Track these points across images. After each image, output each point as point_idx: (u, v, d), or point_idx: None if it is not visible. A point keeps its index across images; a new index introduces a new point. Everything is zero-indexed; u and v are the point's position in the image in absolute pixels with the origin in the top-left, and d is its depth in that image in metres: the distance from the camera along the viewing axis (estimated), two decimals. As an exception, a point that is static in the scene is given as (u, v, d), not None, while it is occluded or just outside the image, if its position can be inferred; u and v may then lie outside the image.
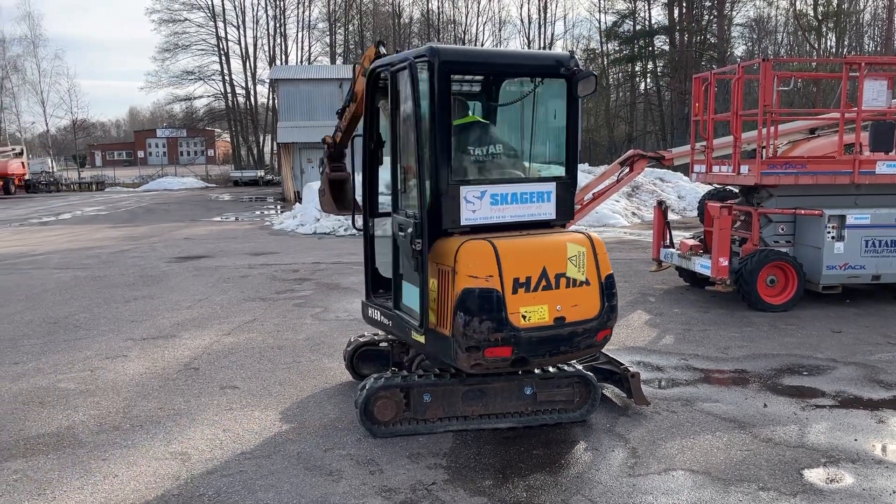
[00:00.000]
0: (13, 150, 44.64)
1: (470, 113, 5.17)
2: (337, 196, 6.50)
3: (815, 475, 4.31)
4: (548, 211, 5.00)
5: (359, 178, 5.47)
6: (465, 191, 4.74)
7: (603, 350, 5.84)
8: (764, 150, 8.89)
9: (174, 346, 7.44)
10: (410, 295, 4.97)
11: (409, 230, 4.72)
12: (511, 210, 4.90)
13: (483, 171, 5.01)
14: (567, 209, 5.09)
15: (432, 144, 4.65)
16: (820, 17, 40.10)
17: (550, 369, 5.08)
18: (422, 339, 4.83)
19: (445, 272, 4.65)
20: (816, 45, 40.79)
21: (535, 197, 4.95)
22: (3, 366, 6.79)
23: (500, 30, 61.03)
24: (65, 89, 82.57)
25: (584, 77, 4.84)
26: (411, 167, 4.87)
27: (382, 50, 5.54)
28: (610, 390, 5.68)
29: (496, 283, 4.52)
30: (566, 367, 5.13)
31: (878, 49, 39.68)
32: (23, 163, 43.97)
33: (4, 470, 4.51)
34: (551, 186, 4.99)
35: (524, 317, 4.59)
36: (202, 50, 57.27)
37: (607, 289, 4.86)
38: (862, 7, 41.76)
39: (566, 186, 5.05)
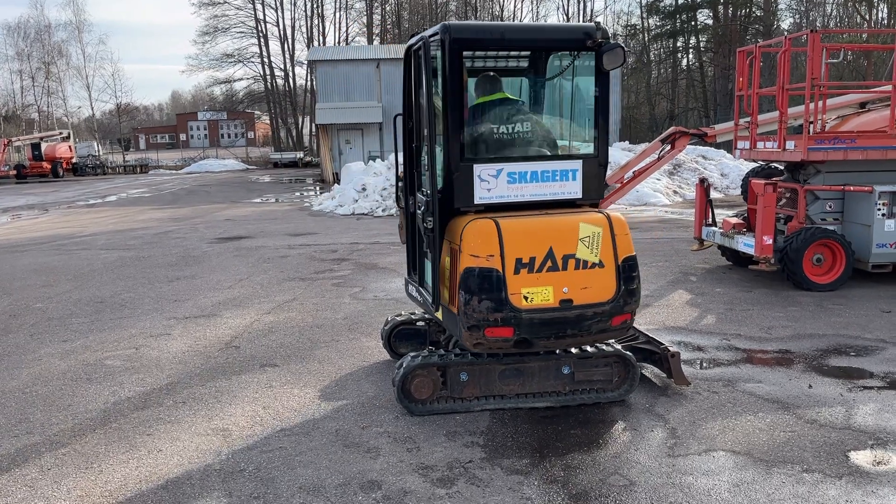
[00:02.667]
0: (60, 134, 45.75)
1: (504, 90, 5.07)
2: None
3: (861, 457, 4.21)
4: (573, 190, 4.84)
5: (400, 157, 5.44)
6: (478, 169, 4.70)
7: (643, 330, 5.78)
8: (811, 126, 8.62)
9: (216, 324, 7.57)
10: (430, 272, 5.05)
11: (422, 209, 4.77)
12: (531, 189, 4.79)
13: (505, 149, 4.90)
14: (595, 188, 4.90)
15: (445, 122, 4.65)
16: (872, -13, 38.60)
17: (588, 349, 5.03)
18: (440, 315, 4.93)
19: (455, 251, 4.69)
20: (867, 17, 39.33)
21: (559, 175, 4.80)
22: (53, 343, 6.99)
23: (537, 6, 60.10)
24: (109, 74, 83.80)
25: (609, 49, 4.62)
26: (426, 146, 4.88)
27: None
28: (649, 370, 5.61)
29: (497, 262, 4.49)
30: (604, 347, 5.07)
31: (934, 19, 38.07)
32: (70, 147, 45.01)
33: (53, 444, 4.65)
34: (577, 164, 4.83)
35: (526, 298, 4.53)
36: (241, 32, 57.85)
37: (625, 272, 4.67)
38: (917, -25, 40.08)
39: (594, 164, 4.87)
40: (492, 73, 5.09)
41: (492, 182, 4.74)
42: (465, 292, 4.51)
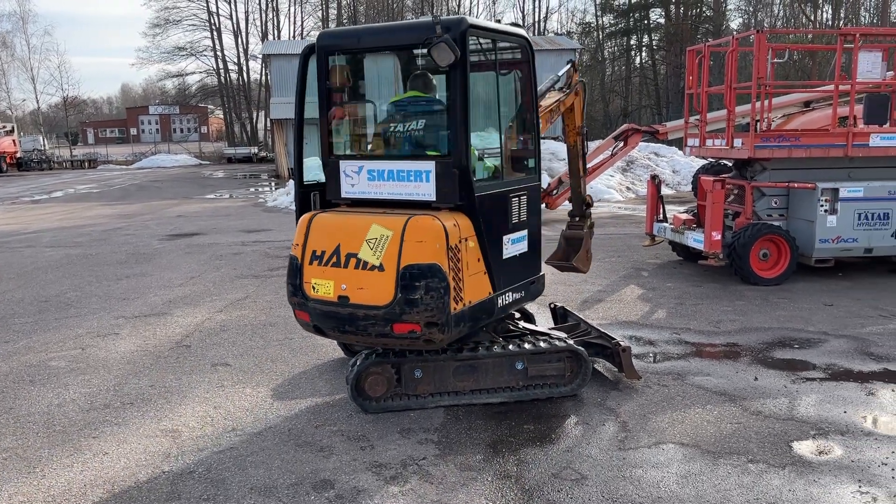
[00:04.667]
0: (4, 127, 44.26)
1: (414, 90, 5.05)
2: (567, 253, 6.67)
3: (804, 447, 4.33)
4: (427, 191, 4.64)
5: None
6: (343, 165, 4.96)
7: (595, 324, 5.86)
8: (758, 124, 8.83)
9: (166, 323, 7.42)
10: None
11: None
12: (388, 187, 4.81)
13: (373, 147, 5.14)
14: (450, 191, 4.56)
15: (319, 122, 5.04)
16: (816, -11, 39.72)
17: (542, 344, 5.08)
18: None
19: None
20: (812, 17, 40.48)
21: (414, 176, 4.69)
22: (-6, 344, 6.77)
23: (494, 4, 60.22)
24: (55, 66, 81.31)
25: (434, 45, 4.27)
26: None
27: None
28: (601, 365, 5.69)
29: (298, 252, 4.79)
30: (557, 343, 5.13)
31: (874, 21, 39.38)
32: (14, 141, 43.63)
33: (-6, 448, 4.50)
34: (430, 166, 4.61)
35: (314, 288, 4.74)
36: (193, 25, 56.73)
37: (404, 279, 4.38)
38: (859, -22, 41.40)
39: (447, 167, 4.54)
40: (419, 72, 5.09)
41: (354, 178, 4.95)
42: (286, 277, 4.91)
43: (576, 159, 6.49)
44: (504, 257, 4.93)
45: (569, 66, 6.36)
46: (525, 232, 5.16)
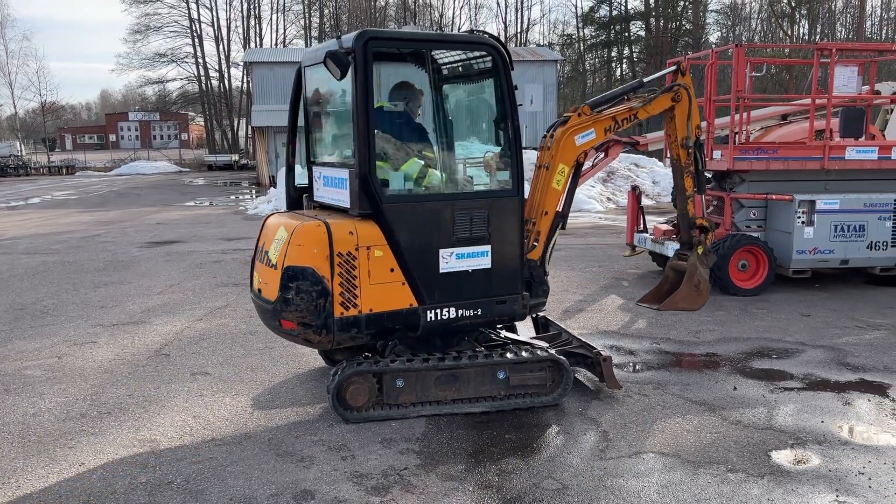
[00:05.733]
0: (-21, 133, 43.67)
1: (387, 100, 5.24)
2: (671, 288, 6.28)
3: (782, 457, 4.37)
4: (345, 198, 4.79)
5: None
6: (315, 170, 5.37)
7: (576, 334, 5.88)
8: (736, 136, 8.94)
9: (144, 332, 7.34)
10: None
11: None
12: (331, 193, 5.12)
13: (326, 154, 5.44)
14: (358, 200, 4.64)
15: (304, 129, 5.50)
16: (793, 4, 40.43)
17: (523, 353, 5.09)
18: None
19: None
20: (790, 32, 41.14)
21: (339, 183, 4.93)
22: (-32, 353, 6.65)
23: (475, 13, 60.60)
24: (33, 71, 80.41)
25: (324, 61, 4.51)
26: None
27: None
28: (582, 374, 5.71)
29: (254, 248, 5.22)
30: (539, 352, 5.14)
31: (850, 36, 40.12)
32: (-10, 146, 43.03)
33: (-33, 459, 4.42)
34: (345, 174, 4.77)
35: (253, 279, 5.16)
36: (174, 32, 56.46)
37: (283, 279, 4.60)
38: (835, -6, 42.17)
39: (354, 175, 4.63)
40: (401, 81, 5.20)
41: (318, 183, 5.35)
42: None
43: (680, 175, 6.07)
44: (442, 271, 4.85)
45: (673, 69, 6.04)
46: (486, 248, 4.95)
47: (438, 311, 4.88)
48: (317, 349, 4.98)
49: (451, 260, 4.89)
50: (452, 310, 4.92)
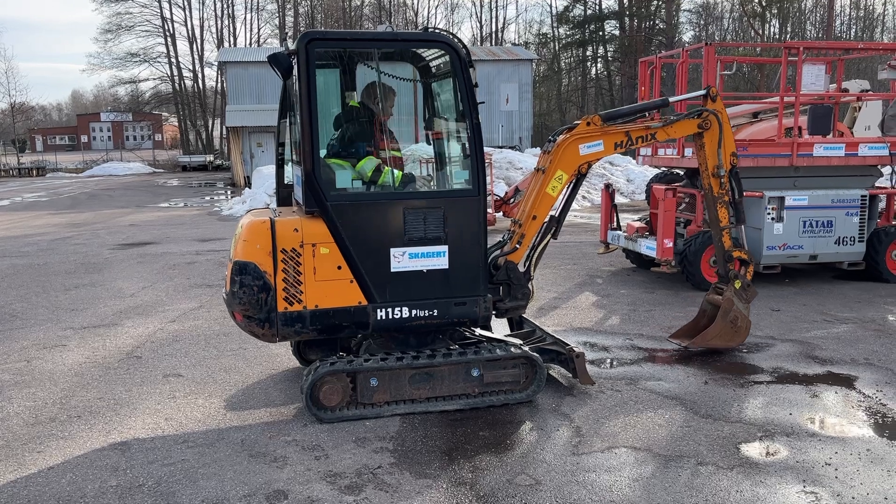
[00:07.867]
0: (-53, 134, 42.84)
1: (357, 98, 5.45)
2: (707, 323, 6.20)
3: (751, 449, 4.44)
4: (301, 196, 5.03)
5: None
6: (294, 169, 5.54)
7: (549, 331, 5.92)
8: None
9: (116, 334, 7.26)
10: None
11: None
12: (298, 190, 5.26)
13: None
14: (305, 197, 4.80)
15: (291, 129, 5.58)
16: (764, 4, 40.96)
17: (497, 351, 5.10)
18: None
19: None
20: (760, 31, 41.69)
21: (298, 181, 5.17)
22: (-66, 358, 6.53)
23: (452, 12, 60.63)
24: (2, 71, 79.36)
25: (268, 60, 4.97)
26: None
27: None
28: (556, 371, 5.75)
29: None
30: (512, 349, 5.16)
31: (820, 35, 40.76)
32: (-43, 148, 42.22)
33: (-67, 465, 4.34)
34: (299, 171, 5.02)
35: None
36: (147, 31, 55.86)
37: (232, 273, 4.78)
38: (804, -6, 42.81)
39: (301, 173, 4.83)
40: (372, 81, 5.21)
41: (295, 181, 5.54)
42: None
43: (714, 206, 5.86)
44: (394, 270, 4.85)
45: (703, 92, 5.82)
46: (443, 248, 4.89)
47: (390, 310, 4.88)
48: (267, 342, 5.00)
49: (404, 259, 4.87)
50: (405, 309, 4.91)
